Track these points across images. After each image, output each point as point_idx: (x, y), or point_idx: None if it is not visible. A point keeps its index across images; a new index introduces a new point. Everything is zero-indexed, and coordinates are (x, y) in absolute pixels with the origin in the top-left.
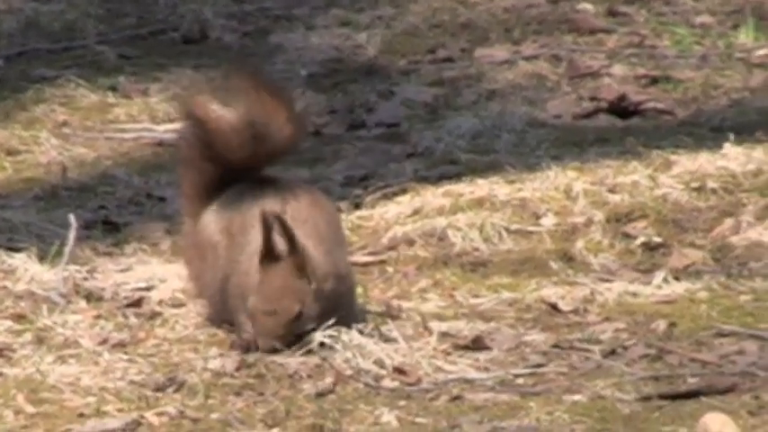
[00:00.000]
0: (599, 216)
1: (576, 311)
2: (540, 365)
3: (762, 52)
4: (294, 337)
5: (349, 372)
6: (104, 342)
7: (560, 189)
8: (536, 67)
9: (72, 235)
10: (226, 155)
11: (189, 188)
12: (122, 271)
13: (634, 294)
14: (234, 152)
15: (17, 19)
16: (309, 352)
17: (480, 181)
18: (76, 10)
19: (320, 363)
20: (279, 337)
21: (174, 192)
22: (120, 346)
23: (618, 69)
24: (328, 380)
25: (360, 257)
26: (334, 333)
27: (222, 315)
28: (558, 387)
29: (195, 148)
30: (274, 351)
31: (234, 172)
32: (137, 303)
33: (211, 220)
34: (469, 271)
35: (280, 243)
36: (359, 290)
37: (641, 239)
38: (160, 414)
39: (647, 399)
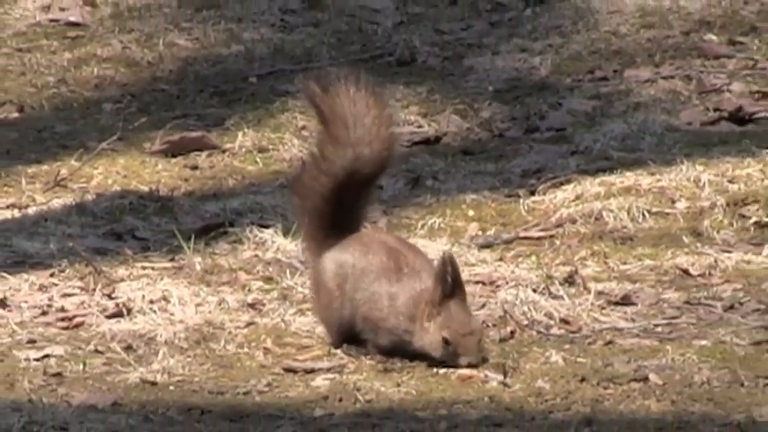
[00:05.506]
0: (721, 201)
1: (702, 275)
2: (674, 317)
3: None
4: None
5: (525, 322)
6: None
7: (691, 180)
8: (672, 84)
9: None
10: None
11: (309, 230)
12: None
13: (748, 262)
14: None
15: (267, 46)
16: (494, 307)
17: (628, 173)
18: (314, 39)
19: (503, 315)
20: (480, 350)
21: (387, 181)
22: None
23: (736, 86)
24: (509, 328)
25: (534, 233)
26: (514, 292)
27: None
28: (689, 334)
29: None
30: (480, 364)
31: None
32: None
33: (330, 268)
34: (619, 243)
35: (447, 283)
36: (533, 258)
37: (754, 219)
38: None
39: (758, 343)
